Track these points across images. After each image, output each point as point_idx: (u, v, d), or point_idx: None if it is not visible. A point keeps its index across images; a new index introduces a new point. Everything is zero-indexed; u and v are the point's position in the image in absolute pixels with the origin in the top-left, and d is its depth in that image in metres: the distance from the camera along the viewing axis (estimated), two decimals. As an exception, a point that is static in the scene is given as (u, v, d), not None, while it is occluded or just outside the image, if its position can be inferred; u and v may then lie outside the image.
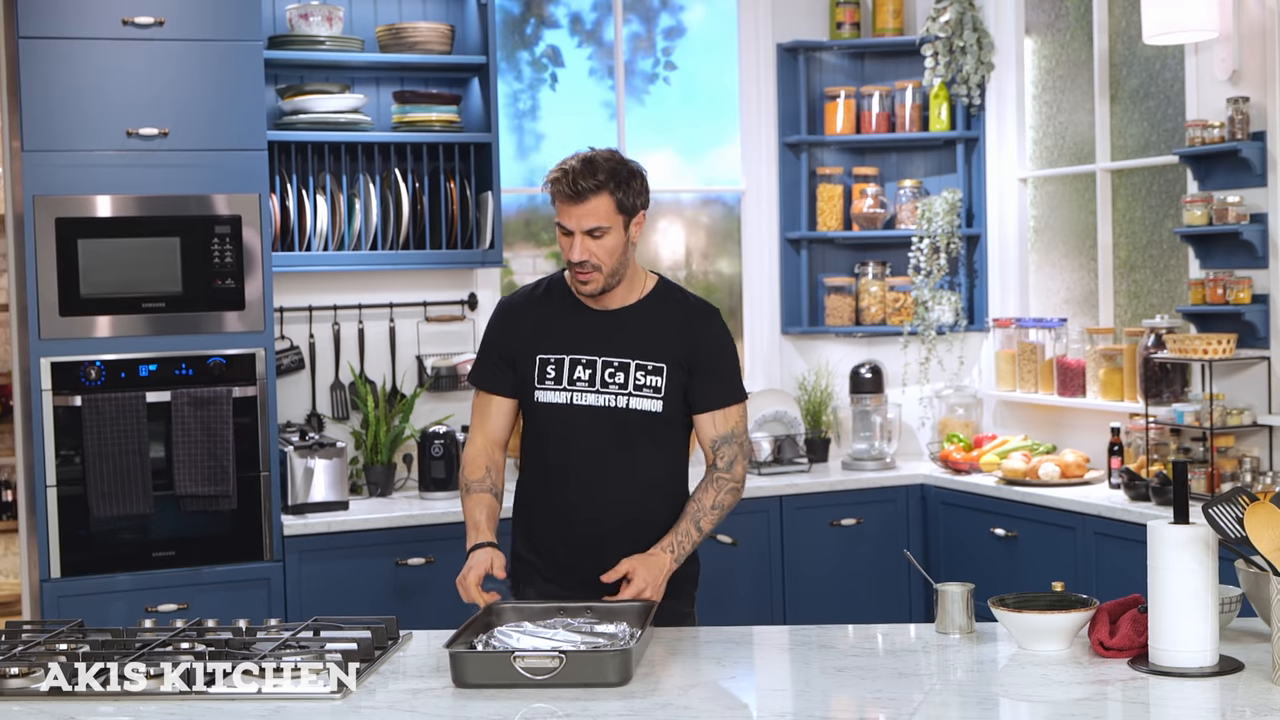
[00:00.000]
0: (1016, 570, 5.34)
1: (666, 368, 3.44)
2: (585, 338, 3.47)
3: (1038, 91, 6.12)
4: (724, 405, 3.49)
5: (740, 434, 3.50)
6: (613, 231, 3.36)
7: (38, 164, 4.82)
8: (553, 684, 2.79)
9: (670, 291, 3.55)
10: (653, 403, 3.44)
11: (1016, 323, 5.99)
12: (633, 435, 3.46)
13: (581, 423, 3.46)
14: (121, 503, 4.87)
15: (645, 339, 3.46)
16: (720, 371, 3.49)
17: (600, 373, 3.45)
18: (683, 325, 3.48)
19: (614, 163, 3.36)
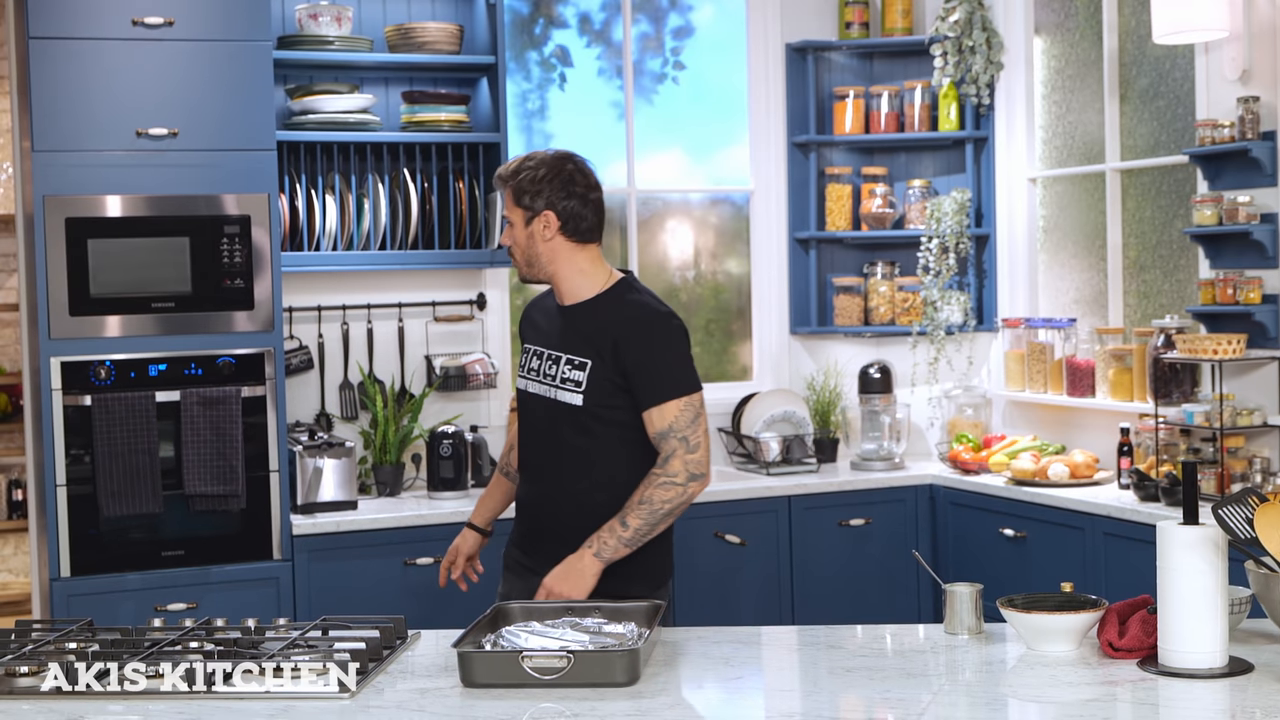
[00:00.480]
0: (1025, 571, 5.33)
1: (591, 364, 3.63)
2: (545, 331, 3.79)
3: (1047, 91, 6.12)
4: (657, 402, 3.59)
5: (680, 429, 3.58)
6: (516, 225, 3.68)
7: (48, 164, 4.83)
8: (561, 684, 2.79)
9: (622, 293, 3.70)
10: (574, 395, 3.65)
11: (1026, 323, 5.99)
12: (563, 426, 3.69)
13: (531, 409, 3.78)
14: (131, 502, 4.88)
15: (579, 335, 3.68)
16: (652, 370, 3.59)
17: (544, 363, 3.75)
18: (617, 326, 3.63)
19: (528, 165, 3.65)
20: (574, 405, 3.65)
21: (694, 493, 3.64)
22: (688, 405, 3.60)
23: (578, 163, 3.69)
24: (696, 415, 3.60)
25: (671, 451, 3.58)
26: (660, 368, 3.60)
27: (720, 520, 5.58)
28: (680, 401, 3.59)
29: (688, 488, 3.61)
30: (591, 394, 3.63)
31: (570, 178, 3.65)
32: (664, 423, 3.58)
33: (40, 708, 2.77)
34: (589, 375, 3.63)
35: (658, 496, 3.57)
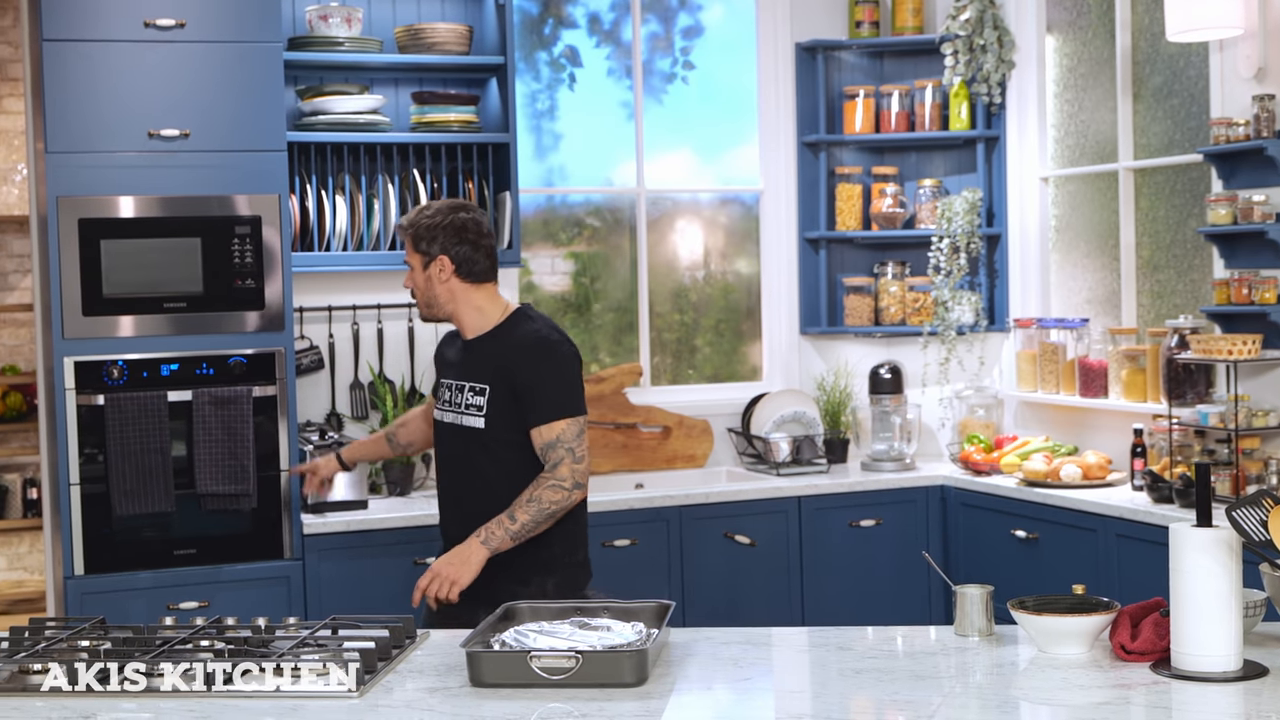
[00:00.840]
0: (1037, 572, 5.32)
1: (489, 389, 3.93)
2: (453, 363, 4.11)
3: (1059, 90, 6.11)
4: (544, 421, 3.87)
5: (567, 441, 3.87)
6: (415, 269, 4.01)
7: (61, 165, 4.84)
8: (569, 684, 2.79)
9: (516, 323, 4.01)
10: (476, 419, 3.96)
11: (1038, 323, 5.97)
12: (471, 450, 3.98)
13: (445, 439, 4.08)
14: (143, 501, 4.89)
15: (477, 364, 3.99)
16: (539, 392, 3.87)
17: (452, 393, 4.06)
18: (507, 353, 3.94)
19: (425, 214, 4.01)
20: (477, 429, 3.95)
21: (575, 500, 3.89)
22: (573, 423, 3.89)
23: (470, 211, 4.03)
24: (581, 431, 3.90)
25: (560, 459, 3.87)
26: (548, 390, 3.89)
27: (730, 521, 5.58)
28: (566, 420, 3.88)
29: (572, 494, 3.87)
30: (492, 417, 3.92)
31: (463, 225, 3.99)
32: (551, 435, 3.87)
33: (53, 705, 2.77)
34: (488, 400, 3.93)
35: (546, 497, 3.84)
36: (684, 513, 5.53)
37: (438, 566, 3.84)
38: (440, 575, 3.82)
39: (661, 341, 6.56)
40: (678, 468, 6.21)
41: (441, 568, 3.83)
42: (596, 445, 6.11)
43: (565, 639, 2.99)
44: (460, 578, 3.81)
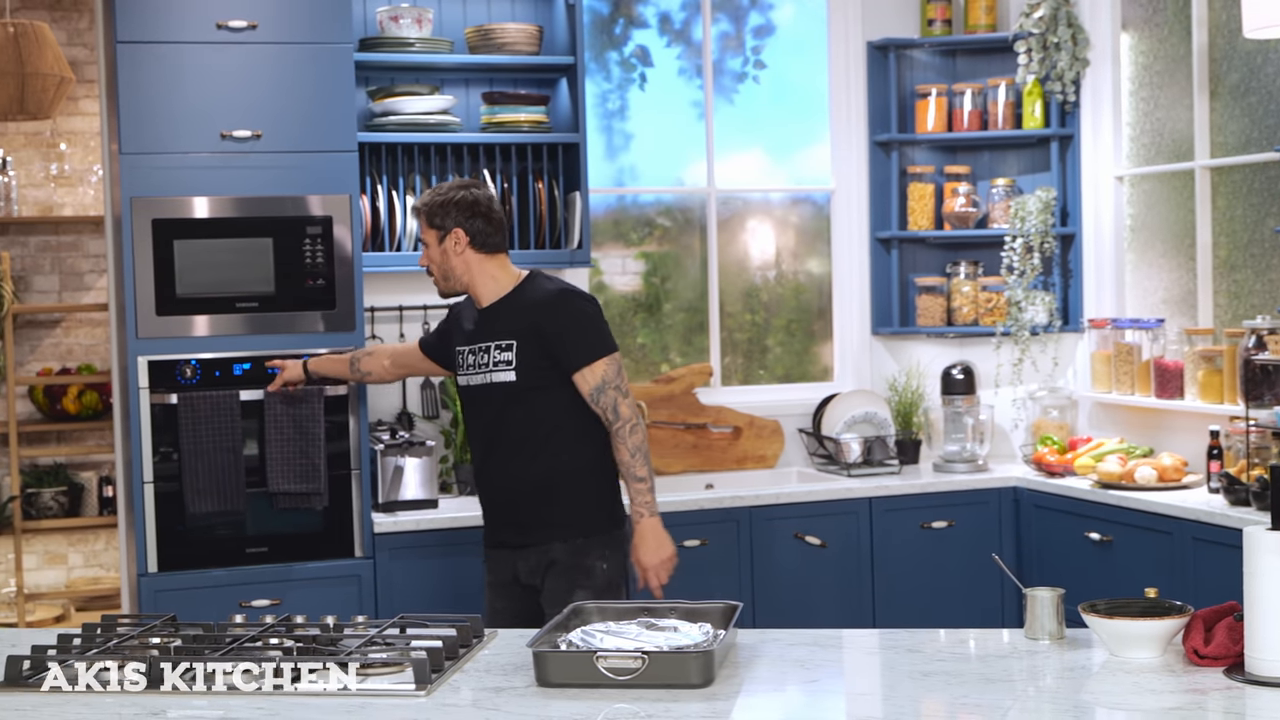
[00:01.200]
0: (1111, 575, 5.26)
1: (517, 343, 4.16)
2: (472, 331, 4.32)
3: (1134, 88, 6.04)
4: (584, 364, 4.14)
5: (611, 380, 4.16)
6: (431, 245, 4.29)
7: (134, 166, 4.88)
8: (635, 684, 2.78)
9: (530, 283, 4.28)
10: (507, 373, 4.18)
11: (1112, 323, 5.90)
12: (505, 404, 4.19)
13: (474, 399, 4.30)
14: (216, 499, 4.93)
15: (500, 323, 4.22)
16: (572, 338, 4.15)
17: (477, 356, 4.27)
18: (529, 308, 4.19)
19: (437, 194, 4.29)
20: (510, 381, 4.17)
21: (645, 426, 4.24)
22: (611, 361, 4.17)
23: (479, 188, 4.30)
24: (620, 368, 4.19)
25: (614, 401, 4.16)
26: (578, 333, 4.16)
27: (800, 522, 5.55)
28: (604, 360, 4.16)
29: (641, 423, 4.20)
30: (521, 369, 4.16)
31: (474, 200, 4.26)
32: (596, 378, 4.15)
33: (123, 701, 2.80)
34: (516, 353, 4.16)
35: (635, 442, 4.17)
36: (754, 513, 5.51)
37: (644, 560, 4.20)
38: (651, 568, 4.19)
39: (733, 342, 6.54)
40: (748, 468, 6.19)
41: (646, 558, 4.20)
42: (666, 445, 6.10)
43: (632, 639, 2.98)
44: (664, 554, 4.21)
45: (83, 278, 7.52)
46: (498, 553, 4.37)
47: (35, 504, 7.19)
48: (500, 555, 4.36)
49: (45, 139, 7.43)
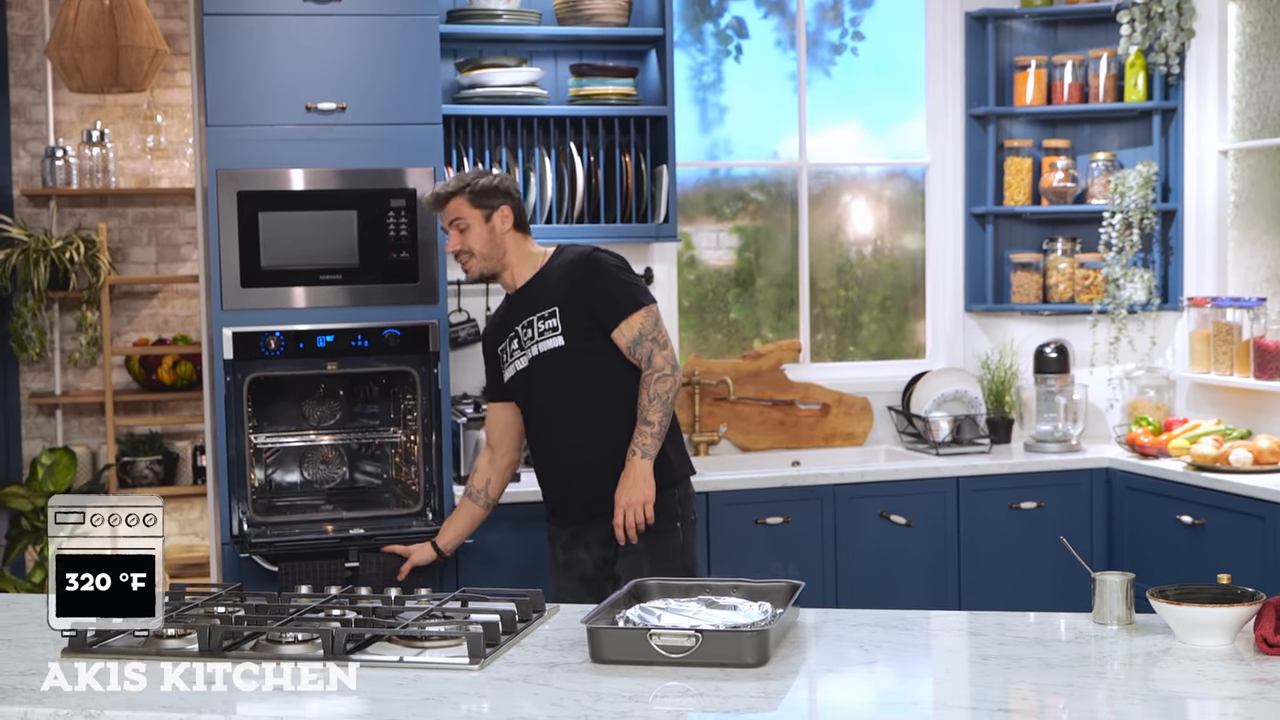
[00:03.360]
0: (1202, 559, 5.14)
1: (559, 309, 4.23)
2: (510, 318, 4.37)
3: (1241, 59, 5.87)
4: (622, 317, 4.20)
5: (648, 332, 4.21)
6: (474, 225, 4.33)
7: (220, 138, 4.91)
8: (688, 662, 2.76)
9: (558, 254, 4.36)
10: (554, 339, 4.24)
11: (1212, 302, 5.76)
12: (558, 371, 4.24)
13: (526, 382, 4.32)
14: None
15: (538, 296, 4.29)
16: (607, 295, 4.22)
17: (521, 337, 4.32)
18: (561, 274, 4.27)
19: (470, 176, 4.37)
20: (558, 347, 4.24)
21: (679, 381, 4.24)
22: (647, 313, 4.22)
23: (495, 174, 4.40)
24: (658, 320, 4.24)
25: (649, 352, 4.20)
26: (611, 290, 4.22)
27: (886, 500, 5.49)
28: (640, 312, 4.21)
29: (674, 376, 4.21)
30: (569, 332, 4.22)
31: (511, 182, 4.41)
32: (633, 331, 4.20)
33: (182, 668, 2.81)
34: (560, 318, 4.23)
35: (660, 390, 4.17)
36: (839, 491, 5.45)
37: (621, 498, 4.16)
38: (629, 505, 4.15)
39: (826, 318, 6.48)
40: (836, 446, 6.13)
41: (624, 496, 4.15)
42: (753, 421, 6.06)
43: (689, 617, 2.95)
44: (644, 496, 4.15)
45: (179, 249, 7.61)
46: (565, 530, 4.39)
47: (130, 473, 7.30)
48: (567, 533, 4.39)
49: (142, 111, 7.52)
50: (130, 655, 2.89)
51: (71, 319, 7.35)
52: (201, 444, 7.49)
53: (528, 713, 2.56)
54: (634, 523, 4.18)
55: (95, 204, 7.48)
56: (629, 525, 4.18)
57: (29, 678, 2.77)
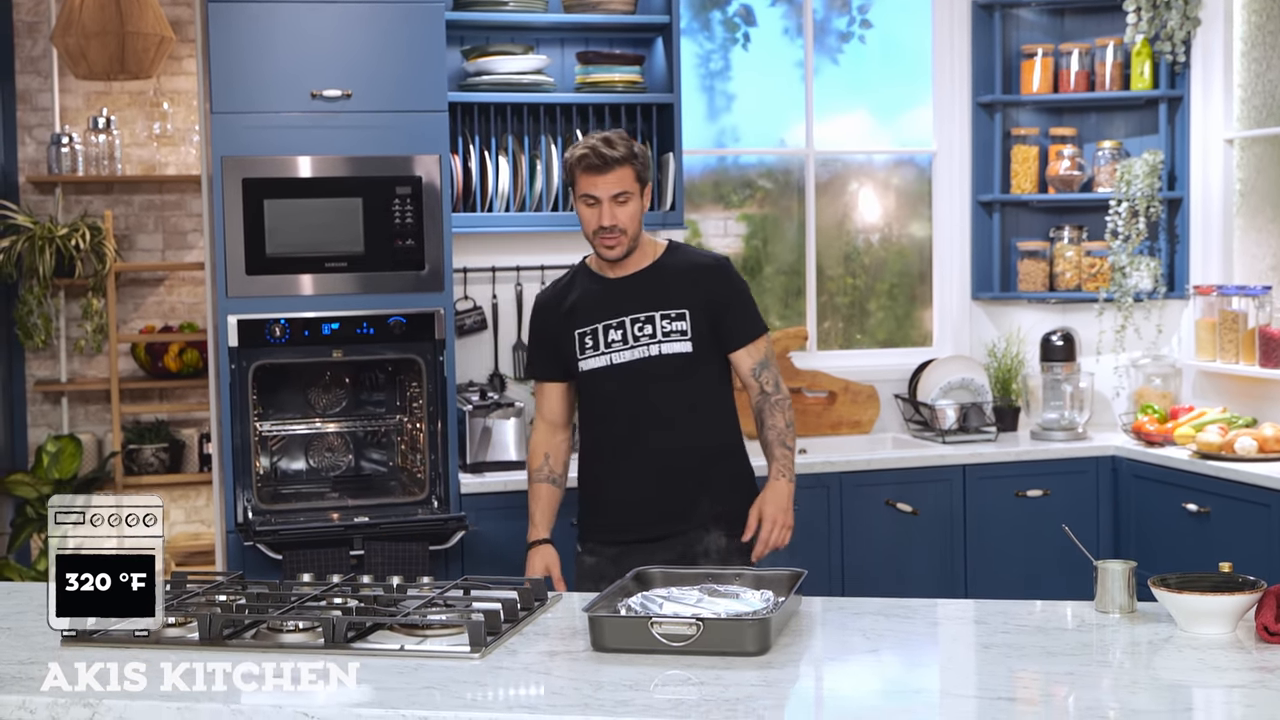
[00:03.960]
0: (1207, 547, 5.13)
1: (689, 312, 3.91)
2: (611, 304, 3.95)
3: (1247, 48, 5.85)
4: (751, 339, 3.97)
5: (770, 358, 4.00)
6: (634, 198, 3.87)
7: (225, 125, 4.91)
8: (690, 651, 2.76)
9: (680, 250, 4.05)
10: (683, 344, 3.91)
11: (1218, 290, 5.75)
12: (669, 378, 3.90)
13: (619, 376, 3.93)
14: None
15: (665, 291, 3.92)
16: (739, 312, 3.97)
17: (630, 329, 3.92)
18: (696, 276, 3.95)
19: (629, 141, 3.89)
20: (684, 353, 3.91)
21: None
22: (768, 338, 4.04)
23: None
24: (771, 347, 4.04)
25: (775, 378, 4.00)
26: (745, 309, 3.99)
27: (892, 488, 5.48)
28: (765, 338, 4.02)
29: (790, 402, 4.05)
30: (698, 340, 3.91)
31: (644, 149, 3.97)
32: (760, 355, 3.99)
33: (180, 656, 2.81)
34: (691, 323, 3.91)
35: (790, 416, 4.00)
36: (845, 479, 5.45)
37: (771, 512, 3.92)
38: (774, 517, 3.91)
39: (833, 305, 6.47)
40: (843, 433, 6.12)
41: (775, 513, 3.92)
42: (760, 409, 6.05)
43: (691, 605, 2.95)
44: (790, 520, 3.94)
45: (185, 236, 7.61)
46: (617, 549, 3.98)
47: (136, 460, 7.31)
48: (619, 553, 3.96)
49: (148, 98, 7.52)
50: (129, 644, 2.89)
51: (77, 306, 7.35)
52: (207, 431, 7.49)
53: (529, 701, 2.56)
54: (777, 541, 3.93)
55: (101, 191, 7.48)
56: (773, 541, 3.93)
57: (28, 666, 2.77)
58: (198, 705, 2.56)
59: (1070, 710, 2.50)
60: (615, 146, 3.85)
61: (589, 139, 3.89)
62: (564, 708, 2.51)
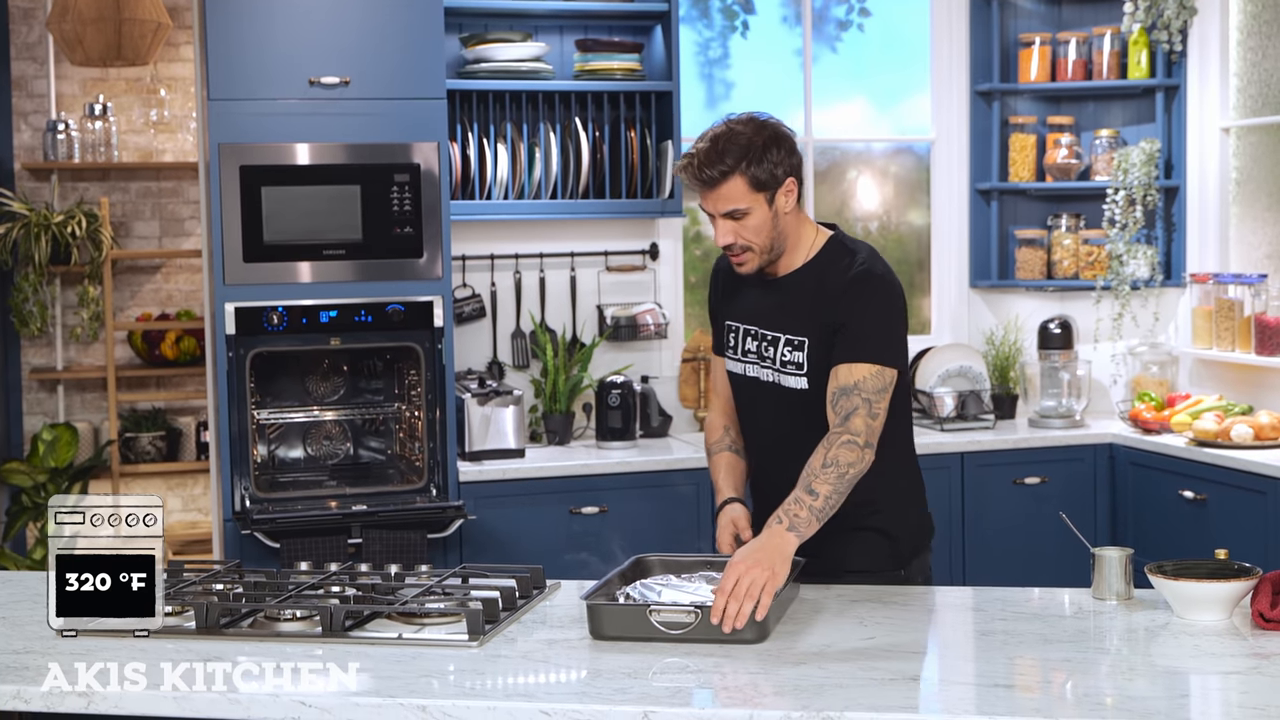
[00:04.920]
0: (1204, 534, 5.14)
1: (808, 341, 3.25)
2: (755, 308, 3.37)
3: (1243, 37, 5.85)
4: (847, 360, 3.16)
5: (865, 391, 3.12)
6: (754, 211, 3.18)
7: (222, 112, 4.91)
8: (688, 639, 2.76)
9: (835, 255, 3.29)
10: (797, 379, 3.28)
11: (1214, 278, 5.75)
12: (796, 413, 3.29)
13: (755, 396, 3.38)
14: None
15: (795, 311, 3.28)
16: (853, 332, 3.18)
17: (760, 345, 3.36)
18: (826, 293, 3.24)
19: (746, 137, 3.16)
20: (799, 389, 3.27)
21: (869, 462, 3.11)
22: (880, 374, 3.15)
23: (769, 115, 3.24)
24: (885, 388, 3.15)
25: (853, 409, 3.11)
26: (861, 327, 3.19)
27: (889, 476, 5.48)
28: (874, 366, 3.15)
29: (865, 453, 3.10)
30: (814, 375, 3.24)
31: (784, 132, 3.22)
32: (849, 379, 3.14)
33: (181, 647, 2.82)
34: (808, 355, 3.25)
35: (843, 458, 3.07)
36: (842, 467, 5.44)
37: (743, 566, 2.87)
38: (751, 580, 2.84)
39: (830, 293, 6.46)
40: (840, 421, 6.11)
41: (749, 569, 2.86)
42: (757, 397, 6.05)
43: (690, 594, 2.96)
44: (775, 577, 2.87)
45: (183, 224, 7.60)
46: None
47: (133, 448, 7.31)
48: None
49: (145, 85, 7.52)
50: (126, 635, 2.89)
51: (73, 294, 7.35)
52: (205, 420, 7.50)
53: (527, 690, 2.57)
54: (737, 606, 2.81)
55: (97, 178, 7.48)
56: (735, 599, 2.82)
57: (23, 656, 2.77)
58: (194, 693, 2.56)
59: (1068, 696, 2.51)
60: (724, 156, 3.15)
61: (695, 144, 3.24)
62: (562, 696, 2.51)
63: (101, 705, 2.58)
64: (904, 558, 3.36)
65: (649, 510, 5.24)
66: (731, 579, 2.85)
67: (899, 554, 3.35)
